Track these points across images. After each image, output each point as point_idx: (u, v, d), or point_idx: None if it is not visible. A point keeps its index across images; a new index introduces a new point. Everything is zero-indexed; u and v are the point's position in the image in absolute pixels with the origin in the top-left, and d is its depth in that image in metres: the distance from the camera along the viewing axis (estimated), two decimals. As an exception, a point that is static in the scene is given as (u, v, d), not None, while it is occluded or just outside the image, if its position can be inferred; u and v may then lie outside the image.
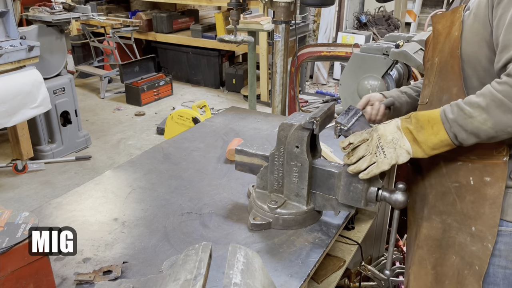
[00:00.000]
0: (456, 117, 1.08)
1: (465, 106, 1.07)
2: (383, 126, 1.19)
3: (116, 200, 1.59)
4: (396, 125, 1.17)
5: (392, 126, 1.17)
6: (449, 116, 1.09)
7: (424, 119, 1.12)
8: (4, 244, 0.95)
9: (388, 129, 1.17)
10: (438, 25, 1.27)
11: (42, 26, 4.00)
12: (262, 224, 1.39)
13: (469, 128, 1.06)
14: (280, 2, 2.93)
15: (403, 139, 1.14)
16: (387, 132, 1.16)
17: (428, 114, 1.13)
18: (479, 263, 1.20)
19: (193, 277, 0.88)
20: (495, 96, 1.02)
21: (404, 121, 1.16)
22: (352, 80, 2.07)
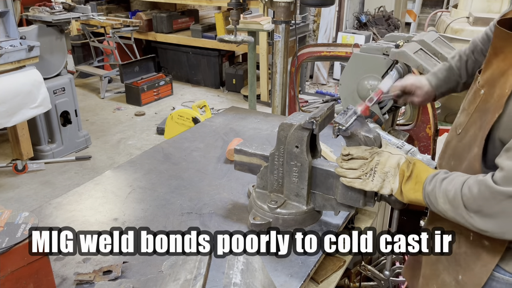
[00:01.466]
0: (430, 192, 1.08)
1: (438, 187, 1.07)
2: (388, 155, 1.19)
3: (116, 200, 1.59)
4: (398, 162, 1.17)
5: (394, 161, 1.17)
6: (427, 188, 1.10)
7: (415, 174, 1.13)
8: (4, 244, 0.95)
9: (390, 162, 1.17)
10: (498, 41, 1.08)
11: (42, 26, 4.00)
12: (262, 224, 1.39)
13: (437, 208, 1.08)
14: (280, 2, 2.93)
15: (395, 178, 1.16)
16: (388, 164, 1.17)
17: (420, 172, 1.13)
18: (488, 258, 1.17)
19: (193, 277, 0.88)
20: (458, 197, 1.01)
21: (405, 164, 1.16)
22: (352, 80, 2.06)
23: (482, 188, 0.96)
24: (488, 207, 0.96)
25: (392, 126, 2.25)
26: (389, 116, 2.11)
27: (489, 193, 0.95)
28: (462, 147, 1.17)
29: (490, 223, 0.97)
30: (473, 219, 0.99)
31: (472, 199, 0.98)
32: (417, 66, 1.87)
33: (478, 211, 0.97)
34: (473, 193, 0.98)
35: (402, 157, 1.18)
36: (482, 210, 0.97)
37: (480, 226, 0.98)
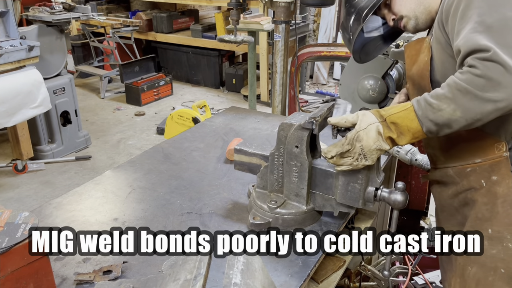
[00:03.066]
0: (425, 113, 1.11)
1: (432, 100, 1.11)
2: (365, 134, 1.20)
3: (116, 200, 1.59)
4: (377, 131, 1.18)
5: (373, 134, 1.19)
6: (419, 113, 1.13)
7: (404, 129, 1.16)
8: (4, 244, 0.95)
9: (371, 138, 1.19)
10: (409, 51, 1.39)
11: (42, 26, 4.00)
12: (261, 223, 1.39)
13: (441, 121, 1.10)
14: (280, 2, 2.93)
15: (384, 144, 1.19)
16: (370, 141, 1.19)
17: (408, 124, 1.16)
18: (503, 265, 1.18)
19: (193, 277, 0.88)
20: (459, 85, 1.06)
21: (385, 129, 1.18)
22: (352, 80, 2.07)
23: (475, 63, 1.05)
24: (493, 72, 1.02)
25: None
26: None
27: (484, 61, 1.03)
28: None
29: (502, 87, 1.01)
30: (487, 92, 1.02)
31: (475, 77, 1.04)
32: (417, 66, 1.87)
33: (489, 81, 1.02)
34: (474, 72, 1.04)
35: (376, 123, 1.19)
36: (493, 78, 1.02)
37: (499, 96, 1.02)
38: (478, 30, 1.06)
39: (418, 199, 2.37)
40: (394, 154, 1.86)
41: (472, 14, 1.09)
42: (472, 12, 1.09)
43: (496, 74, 1.01)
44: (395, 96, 1.63)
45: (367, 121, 1.20)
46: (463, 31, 1.11)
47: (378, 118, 1.20)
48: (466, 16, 1.10)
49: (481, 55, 1.04)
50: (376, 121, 1.19)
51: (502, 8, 1.08)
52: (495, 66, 1.01)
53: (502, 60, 1.01)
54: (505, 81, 1.01)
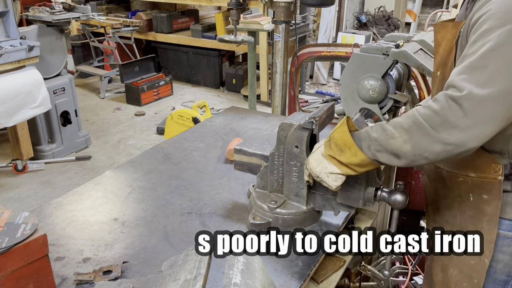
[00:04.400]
0: (378, 137, 1.10)
1: (388, 126, 1.09)
2: (311, 157, 1.22)
3: (116, 200, 1.59)
4: (320, 153, 1.19)
5: (317, 155, 1.20)
6: (372, 135, 1.11)
7: (341, 143, 1.15)
8: (4, 244, 0.95)
9: (315, 159, 1.20)
10: (438, 34, 1.26)
11: (42, 26, 4.00)
12: (261, 223, 1.39)
13: (390, 149, 1.08)
14: (280, 2, 2.93)
15: (330, 165, 1.18)
16: (314, 163, 1.20)
17: (342, 137, 1.15)
18: (477, 276, 1.23)
19: (193, 277, 0.88)
20: (416, 119, 1.03)
21: (326, 148, 1.18)
22: (352, 80, 2.06)
23: (444, 101, 1.00)
24: (451, 115, 0.99)
25: (392, 126, 2.25)
26: (389, 116, 2.11)
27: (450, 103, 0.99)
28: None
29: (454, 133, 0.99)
30: (439, 132, 1.00)
31: (429, 117, 1.01)
32: (417, 66, 1.88)
33: (443, 123, 1.00)
34: (434, 108, 1.01)
35: (321, 147, 1.20)
36: (449, 119, 0.99)
37: (446, 139, 0.99)
38: (469, 66, 1.01)
39: (418, 199, 2.37)
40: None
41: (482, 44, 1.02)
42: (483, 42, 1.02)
43: (454, 117, 0.98)
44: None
45: (316, 147, 1.22)
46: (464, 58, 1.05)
47: (326, 139, 1.20)
48: (475, 44, 1.03)
49: (451, 92, 1.01)
50: (322, 143, 1.20)
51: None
52: (457, 107, 0.98)
53: (467, 105, 0.97)
54: (461, 125, 0.98)
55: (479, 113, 0.97)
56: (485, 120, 0.97)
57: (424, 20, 7.91)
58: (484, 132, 0.98)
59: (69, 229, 1.42)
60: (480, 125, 0.97)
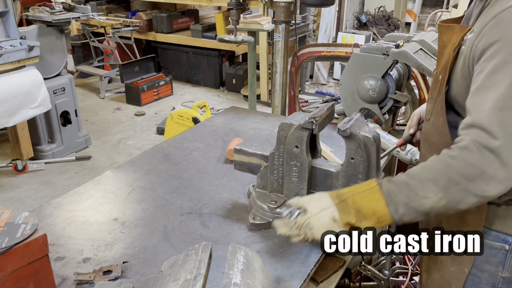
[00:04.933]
0: (408, 199, 1.01)
1: (416, 184, 1.00)
2: (316, 221, 1.07)
3: (116, 200, 1.59)
4: (331, 218, 1.06)
5: (327, 220, 1.06)
6: (398, 198, 1.02)
7: (368, 211, 1.04)
8: (4, 244, 0.95)
9: (324, 226, 1.06)
10: (444, 36, 1.20)
11: (42, 26, 4.00)
12: (261, 223, 1.39)
13: (421, 210, 1.00)
14: (280, 2, 2.93)
15: (341, 230, 1.07)
16: (323, 228, 1.07)
17: (374, 207, 1.04)
18: (456, 284, 1.22)
19: (193, 277, 0.88)
20: (453, 174, 0.97)
21: (341, 213, 1.06)
22: (352, 80, 2.07)
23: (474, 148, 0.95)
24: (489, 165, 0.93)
25: (392, 126, 2.25)
26: (389, 116, 2.11)
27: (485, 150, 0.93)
28: (433, 129, 1.20)
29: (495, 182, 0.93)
30: (478, 186, 0.94)
31: (469, 166, 0.95)
32: (417, 66, 1.88)
33: (482, 174, 0.94)
34: (470, 161, 0.95)
35: (330, 208, 1.07)
36: (487, 171, 0.93)
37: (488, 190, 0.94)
38: (500, 106, 0.94)
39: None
40: (394, 154, 1.86)
41: (505, 77, 0.95)
42: (505, 76, 0.95)
43: (492, 168, 0.93)
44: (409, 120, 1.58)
45: (320, 206, 1.08)
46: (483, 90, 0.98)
47: (334, 199, 1.08)
48: (495, 75, 0.96)
49: (484, 140, 0.94)
50: (331, 205, 1.08)
51: None
52: (493, 158, 0.93)
53: (504, 155, 0.92)
54: (499, 176, 0.93)
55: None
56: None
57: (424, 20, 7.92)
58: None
59: (69, 229, 1.42)
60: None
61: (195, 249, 0.98)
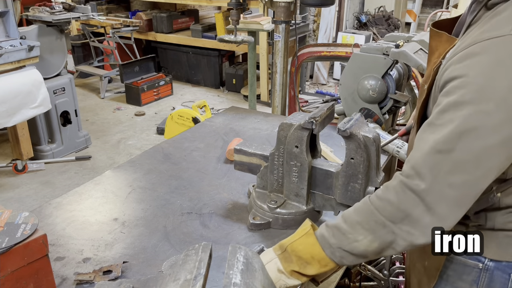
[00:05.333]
0: (340, 243, 1.00)
1: (346, 228, 1.00)
2: (260, 276, 1.03)
3: (116, 200, 1.59)
4: (276, 269, 1.06)
5: (273, 274, 1.05)
6: (331, 241, 1.01)
7: (307, 256, 1.03)
8: (4, 244, 0.95)
9: (269, 280, 1.05)
10: (432, 41, 1.16)
11: (42, 26, 4.00)
12: (261, 223, 1.39)
13: (356, 252, 0.99)
14: (280, 2, 2.93)
15: (291, 280, 1.05)
16: (267, 283, 1.04)
17: (310, 251, 1.03)
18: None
19: (193, 277, 0.88)
20: (376, 217, 0.96)
21: (284, 262, 1.05)
22: (352, 80, 2.06)
23: (399, 189, 0.93)
24: (413, 207, 0.91)
25: (392, 126, 2.25)
26: (389, 116, 2.11)
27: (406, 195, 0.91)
28: (412, 138, 1.18)
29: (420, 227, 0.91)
30: (404, 230, 0.92)
31: (392, 208, 0.93)
32: (417, 66, 1.88)
33: (406, 217, 0.92)
34: (393, 201, 0.93)
35: (275, 260, 1.06)
36: (411, 215, 0.91)
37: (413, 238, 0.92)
38: (437, 149, 0.90)
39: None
40: (394, 154, 1.86)
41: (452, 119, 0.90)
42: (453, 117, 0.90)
43: (417, 211, 0.91)
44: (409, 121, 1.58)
45: (265, 260, 1.07)
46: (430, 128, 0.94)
47: (277, 251, 1.07)
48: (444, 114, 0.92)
49: (411, 181, 0.92)
50: (274, 257, 1.07)
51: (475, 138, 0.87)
52: (418, 201, 0.90)
53: (429, 199, 0.89)
54: (425, 220, 0.91)
55: (442, 208, 0.90)
56: (447, 215, 0.91)
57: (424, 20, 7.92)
58: (449, 222, 0.91)
59: (69, 229, 1.42)
60: (443, 220, 0.91)
61: (195, 249, 0.98)
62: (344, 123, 1.29)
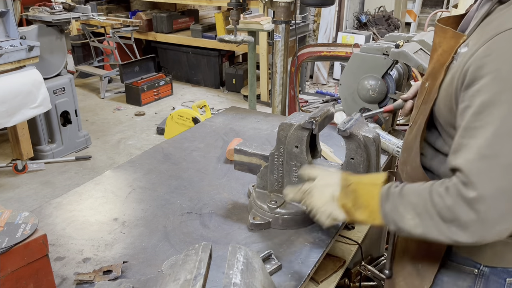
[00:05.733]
0: (391, 211, 1.02)
1: (400, 203, 1.00)
2: (317, 192, 1.13)
3: (116, 200, 1.59)
4: (331, 196, 1.10)
5: (326, 196, 1.10)
6: (387, 205, 1.02)
7: (364, 203, 1.06)
8: (4, 244, 0.95)
9: (322, 199, 1.11)
10: (436, 37, 1.12)
11: (42, 26, 4.00)
12: (261, 223, 1.39)
13: (401, 227, 1.00)
14: (280, 2, 2.93)
15: (338, 212, 1.10)
16: (319, 202, 1.12)
17: (370, 201, 1.05)
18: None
19: (193, 277, 0.88)
20: (429, 208, 0.95)
21: (342, 194, 1.09)
22: (352, 80, 2.07)
23: (454, 193, 0.91)
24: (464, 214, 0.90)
25: (392, 126, 2.25)
26: (389, 116, 2.11)
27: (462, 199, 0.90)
28: (411, 138, 1.16)
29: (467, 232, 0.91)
30: (451, 230, 0.92)
31: (445, 208, 0.92)
32: (417, 66, 1.88)
33: (455, 220, 0.91)
34: (447, 203, 0.92)
35: (334, 187, 1.10)
36: (459, 219, 0.90)
37: (459, 238, 0.92)
38: (482, 154, 0.88)
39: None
40: (394, 154, 1.86)
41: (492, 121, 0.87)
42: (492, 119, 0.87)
43: (466, 218, 0.89)
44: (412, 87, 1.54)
45: (327, 181, 1.13)
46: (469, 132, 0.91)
47: (342, 180, 1.11)
48: (481, 116, 0.89)
49: (462, 188, 0.90)
50: (337, 183, 1.11)
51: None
52: (467, 209, 0.89)
53: (479, 207, 0.88)
54: (472, 228, 0.89)
55: (493, 216, 0.88)
56: (499, 221, 0.88)
57: (424, 20, 7.92)
58: (496, 233, 0.90)
59: (69, 229, 1.42)
60: (493, 227, 0.89)
61: (195, 249, 0.98)
62: (344, 123, 1.29)
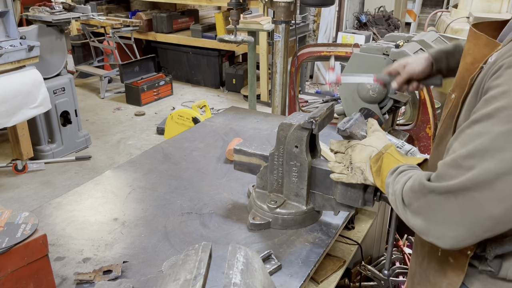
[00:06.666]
0: (386, 187, 1.06)
1: (392, 180, 1.03)
2: (360, 148, 1.18)
3: (116, 200, 1.59)
4: (368, 156, 1.16)
5: (365, 155, 1.16)
6: (387, 182, 1.06)
7: (382, 171, 1.11)
8: (4, 244, 0.95)
9: (361, 156, 1.17)
10: (468, 42, 1.03)
11: (42, 26, 4.00)
12: (261, 223, 1.39)
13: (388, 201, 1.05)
14: (280, 2, 2.93)
15: (368, 172, 1.15)
16: (358, 158, 1.18)
17: (386, 169, 1.10)
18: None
19: (193, 277, 0.88)
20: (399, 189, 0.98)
21: (375, 157, 1.14)
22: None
23: (416, 182, 0.93)
24: (415, 200, 0.92)
25: (392, 126, 2.25)
26: (389, 116, 2.11)
27: (418, 186, 0.92)
28: (437, 156, 1.12)
29: (418, 219, 0.92)
30: (406, 213, 0.95)
31: (406, 191, 0.95)
32: (417, 66, 1.87)
33: (409, 205, 0.94)
34: (408, 186, 0.95)
35: (374, 149, 1.16)
36: (412, 204, 0.93)
37: (411, 221, 0.94)
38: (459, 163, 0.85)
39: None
40: (394, 154, 1.85)
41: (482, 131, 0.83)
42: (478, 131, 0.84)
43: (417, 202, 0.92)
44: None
45: (373, 142, 1.18)
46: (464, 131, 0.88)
47: (383, 148, 1.15)
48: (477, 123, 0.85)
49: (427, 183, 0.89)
50: (379, 148, 1.15)
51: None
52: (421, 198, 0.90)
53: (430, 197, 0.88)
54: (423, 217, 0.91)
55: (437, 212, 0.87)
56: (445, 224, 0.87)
57: (424, 20, 7.91)
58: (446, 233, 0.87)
59: (69, 229, 1.42)
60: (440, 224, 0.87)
61: (195, 249, 0.98)
62: (343, 122, 1.29)
